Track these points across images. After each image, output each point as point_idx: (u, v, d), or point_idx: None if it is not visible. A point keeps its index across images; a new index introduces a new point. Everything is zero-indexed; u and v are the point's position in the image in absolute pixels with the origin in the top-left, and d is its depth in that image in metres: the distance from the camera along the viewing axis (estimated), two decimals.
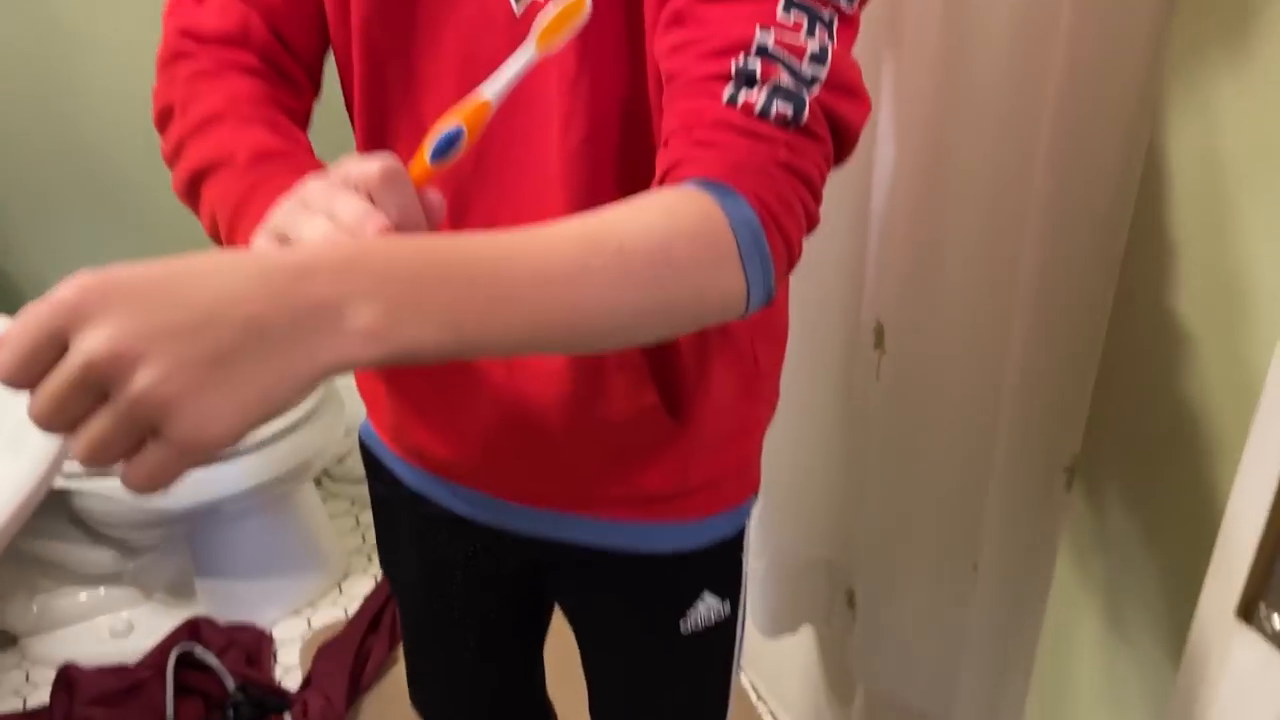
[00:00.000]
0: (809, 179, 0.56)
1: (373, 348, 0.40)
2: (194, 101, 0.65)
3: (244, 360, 0.38)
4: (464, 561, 0.87)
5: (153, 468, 0.37)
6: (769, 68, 0.55)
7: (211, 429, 0.37)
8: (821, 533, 1.25)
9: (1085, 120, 0.83)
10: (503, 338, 0.45)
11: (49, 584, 1.77)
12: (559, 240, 0.47)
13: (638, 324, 0.50)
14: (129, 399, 0.36)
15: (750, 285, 0.53)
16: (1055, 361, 0.93)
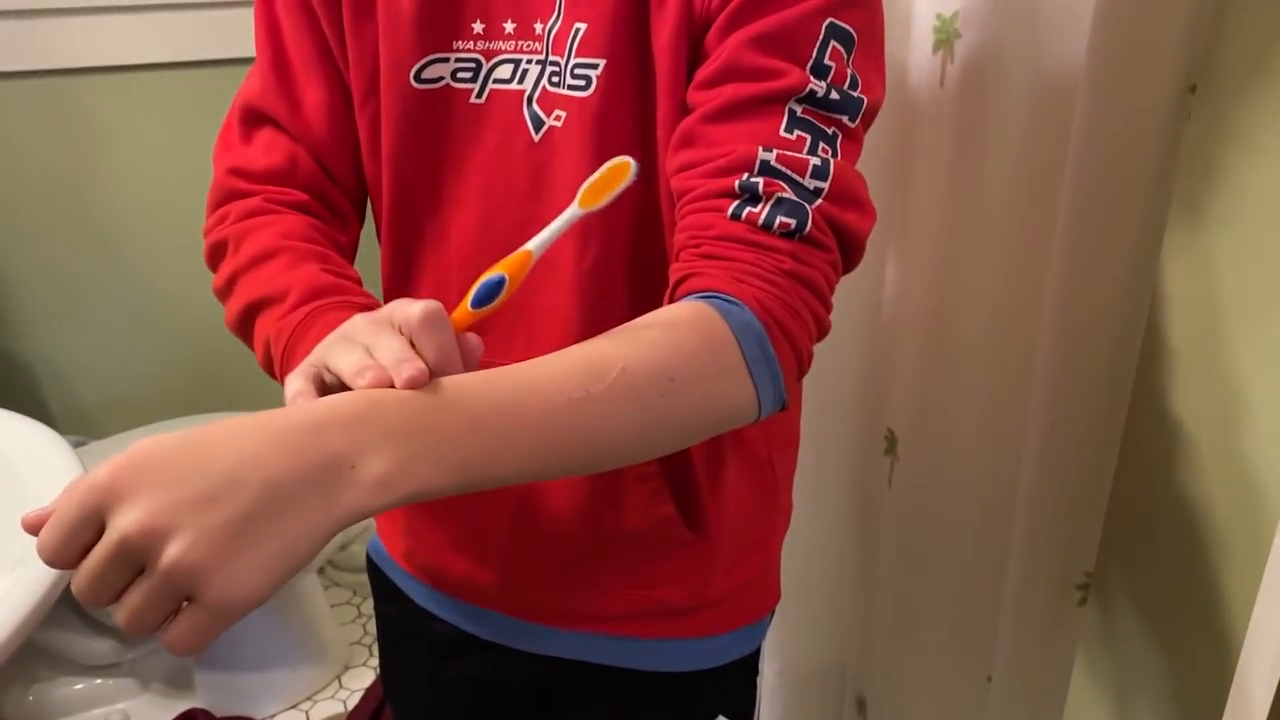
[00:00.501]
0: (815, 287, 0.57)
1: (386, 495, 0.42)
2: (246, 238, 0.67)
3: (264, 521, 0.40)
4: (476, 681, 0.85)
5: (190, 631, 0.40)
6: (771, 184, 0.57)
7: (240, 590, 0.39)
8: (832, 640, 1.23)
9: (1096, 234, 0.84)
10: (513, 471, 0.47)
11: (47, 673, 1.74)
12: (561, 371, 0.49)
13: (648, 441, 0.52)
14: (161, 570, 0.38)
15: (760, 392, 0.54)
16: (1068, 477, 0.93)
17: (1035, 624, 0.99)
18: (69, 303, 1.80)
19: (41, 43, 1.65)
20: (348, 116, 0.71)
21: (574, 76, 0.64)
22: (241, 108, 0.73)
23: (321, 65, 0.70)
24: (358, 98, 0.70)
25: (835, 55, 0.59)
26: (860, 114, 0.61)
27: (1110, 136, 0.80)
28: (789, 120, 0.58)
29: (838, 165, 0.59)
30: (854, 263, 0.61)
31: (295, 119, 0.71)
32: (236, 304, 0.66)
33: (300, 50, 0.70)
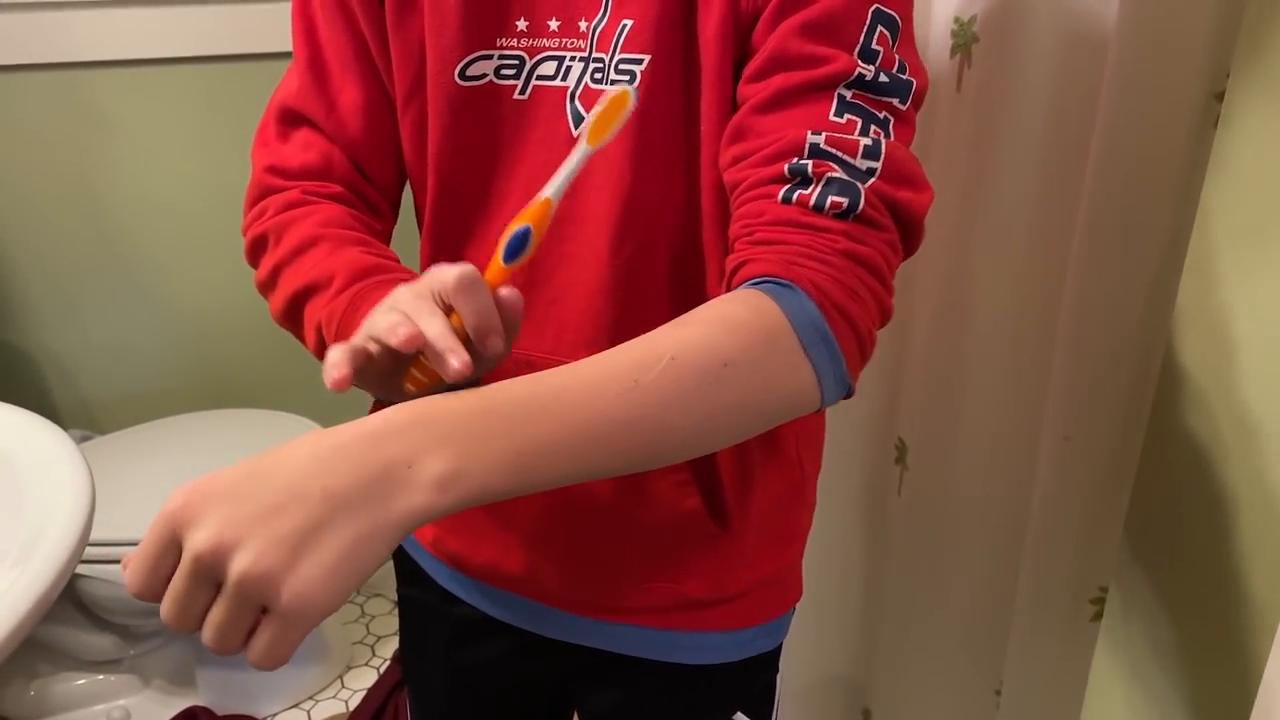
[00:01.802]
0: (873, 266, 0.56)
1: (443, 497, 0.43)
2: (287, 230, 0.68)
3: (328, 528, 0.41)
4: (495, 665, 0.86)
5: (269, 642, 0.41)
6: (821, 165, 0.56)
7: (310, 595, 0.40)
8: (839, 650, 1.22)
9: (1116, 244, 0.83)
10: (569, 469, 0.47)
11: (48, 669, 1.74)
12: (609, 365, 0.49)
13: (704, 432, 0.51)
14: (234, 582, 0.40)
15: (821, 376, 0.53)
16: (1083, 489, 0.92)
17: (1047, 637, 0.98)
18: (75, 297, 1.80)
19: (52, 36, 1.65)
20: (385, 116, 0.72)
21: (618, 72, 0.64)
22: (278, 108, 0.74)
23: (358, 66, 0.71)
24: (401, 96, 0.70)
25: (882, 40, 0.59)
26: (910, 97, 0.60)
27: (1133, 144, 0.79)
28: (839, 105, 0.58)
29: (890, 145, 0.58)
30: (914, 243, 0.60)
31: (330, 119, 0.71)
32: (282, 294, 0.67)
33: (337, 51, 0.71)
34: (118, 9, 1.67)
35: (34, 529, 0.78)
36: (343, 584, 0.41)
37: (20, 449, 0.87)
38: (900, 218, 0.58)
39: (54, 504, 0.80)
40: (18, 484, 0.84)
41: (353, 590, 0.42)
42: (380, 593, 2.03)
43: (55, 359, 1.82)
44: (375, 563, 0.42)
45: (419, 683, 0.94)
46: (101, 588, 1.54)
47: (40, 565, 0.76)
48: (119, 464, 1.61)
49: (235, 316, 1.87)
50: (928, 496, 1.04)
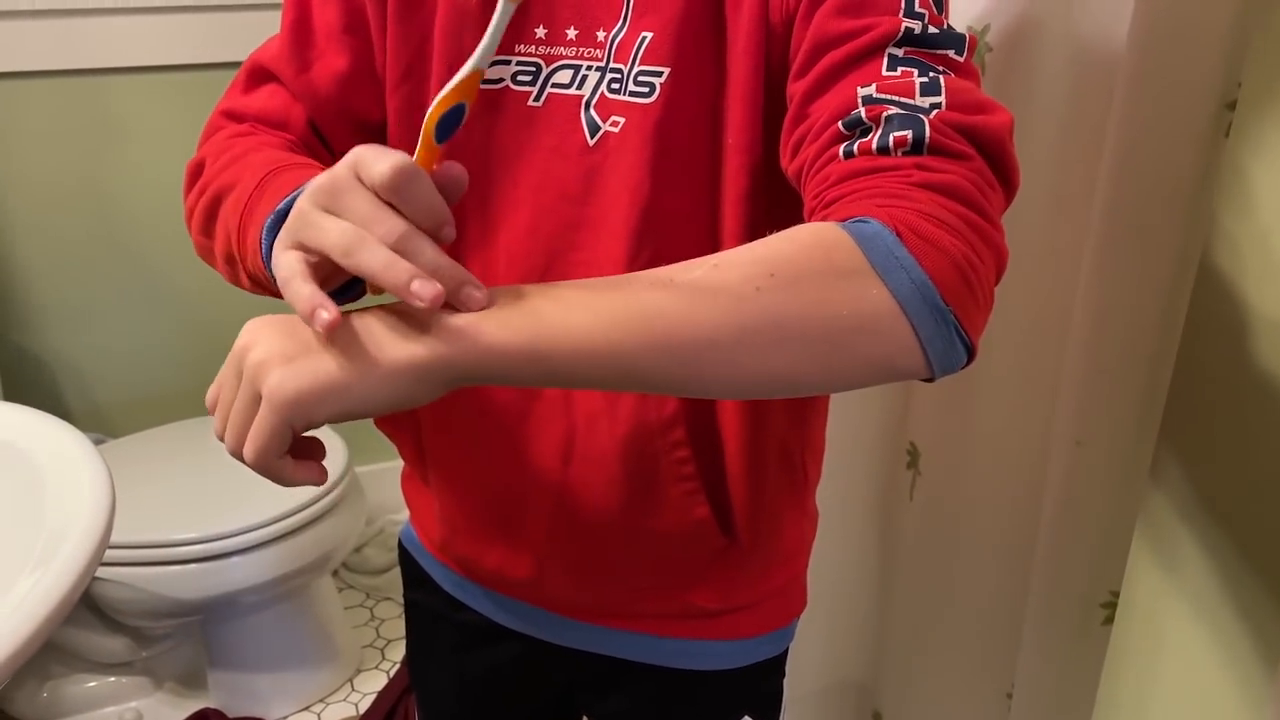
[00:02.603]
0: (962, 194, 0.49)
1: (444, 346, 0.45)
2: (225, 151, 0.66)
3: (333, 348, 0.46)
4: (500, 671, 0.86)
5: (256, 429, 0.46)
6: (875, 109, 0.52)
7: (286, 388, 0.45)
8: (849, 653, 1.22)
9: (1128, 250, 0.83)
10: (589, 356, 0.45)
11: (61, 670, 1.75)
12: (650, 270, 0.48)
13: (749, 344, 0.45)
14: (246, 370, 0.47)
15: (904, 303, 0.46)
16: (1094, 495, 0.92)
17: (1058, 642, 0.98)
18: (88, 301, 1.81)
19: (66, 43, 1.66)
20: (362, 91, 0.70)
21: (636, 84, 0.63)
22: (250, 65, 0.73)
23: (346, 39, 0.69)
24: (392, 80, 0.69)
25: (925, 4, 0.56)
26: (966, 48, 0.56)
27: (1145, 153, 0.79)
28: (889, 62, 0.54)
29: (949, 80, 0.53)
30: (1008, 171, 0.53)
31: (300, 79, 0.70)
32: (203, 205, 0.65)
33: (325, 20, 0.70)
34: (131, 16, 1.68)
35: (56, 531, 0.79)
36: (321, 391, 0.45)
37: (42, 451, 0.88)
38: (979, 141, 0.52)
39: (75, 506, 0.81)
40: (40, 486, 0.84)
41: (333, 410, 0.45)
42: (390, 596, 2.04)
43: (68, 363, 1.83)
44: (364, 392, 0.45)
45: (426, 687, 0.94)
46: (115, 590, 1.55)
47: (62, 567, 0.76)
48: (131, 468, 1.62)
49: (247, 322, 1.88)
50: (940, 501, 1.04)
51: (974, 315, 0.48)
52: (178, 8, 1.70)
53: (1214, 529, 0.84)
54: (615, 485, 0.71)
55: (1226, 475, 0.84)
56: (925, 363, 0.47)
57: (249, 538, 1.54)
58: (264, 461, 0.47)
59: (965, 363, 0.49)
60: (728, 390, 0.49)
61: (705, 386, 0.48)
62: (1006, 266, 0.51)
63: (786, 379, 0.47)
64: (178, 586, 1.55)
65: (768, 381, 0.47)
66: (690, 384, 0.47)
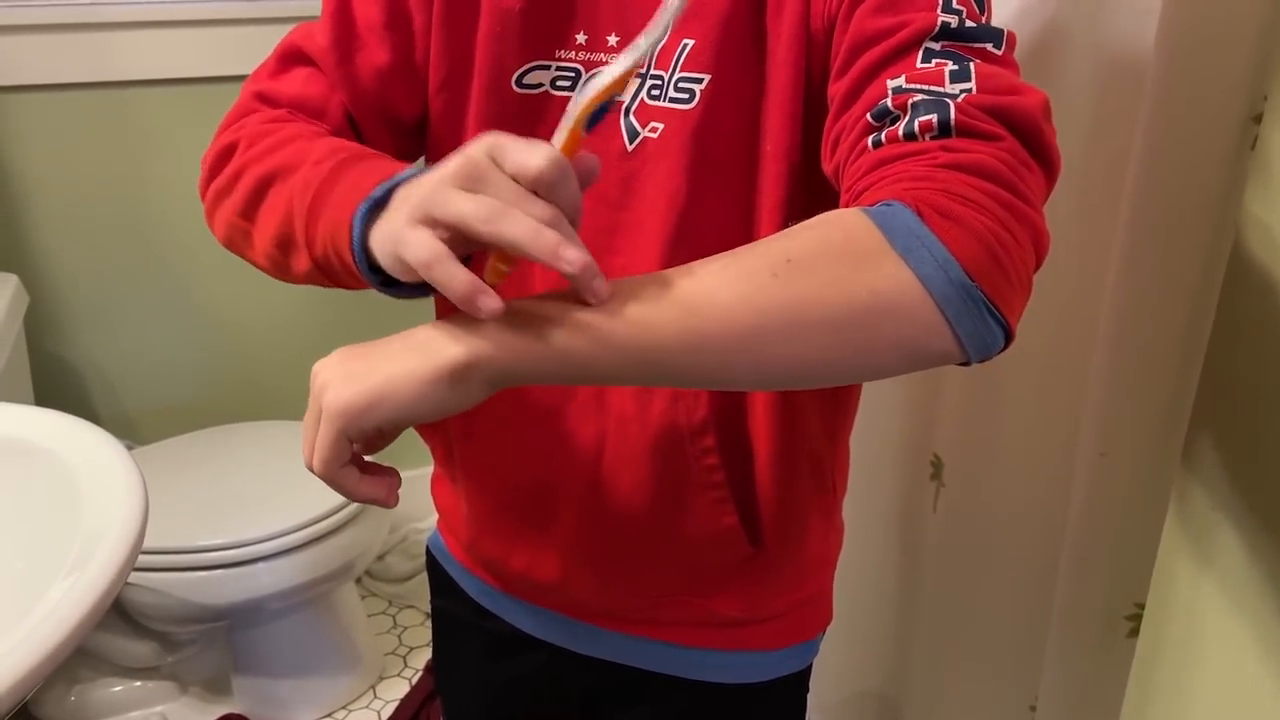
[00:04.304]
0: (992, 172, 0.48)
1: (488, 349, 0.47)
2: (263, 137, 0.64)
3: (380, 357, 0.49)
4: (526, 680, 0.86)
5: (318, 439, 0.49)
6: (901, 97, 0.52)
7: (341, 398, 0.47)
8: (872, 665, 1.22)
9: (1154, 263, 0.83)
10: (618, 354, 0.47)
11: (89, 674, 1.77)
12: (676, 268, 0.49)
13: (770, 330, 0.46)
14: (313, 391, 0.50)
15: (926, 280, 0.45)
16: (1119, 507, 0.92)
17: (1082, 654, 0.98)
18: (118, 311, 1.83)
19: (98, 56, 1.68)
20: (401, 88, 0.69)
21: (677, 90, 0.64)
22: (284, 48, 0.71)
23: (388, 34, 0.68)
24: (435, 83, 0.69)
25: (962, 1, 0.55)
26: (1005, 42, 0.56)
27: (1171, 163, 0.79)
28: (924, 55, 0.54)
29: (980, 66, 0.52)
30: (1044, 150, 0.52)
31: (341, 69, 0.68)
32: (244, 187, 0.63)
33: (366, 14, 0.68)
34: (162, 30, 1.71)
35: (90, 536, 0.80)
36: (367, 399, 0.47)
37: (76, 456, 0.90)
38: (1011, 121, 0.51)
39: (109, 511, 0.82)
40: (74, 491, 0.86)
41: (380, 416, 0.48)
42: (412, 604, 2.04)
43: (98, 370, 1.85)
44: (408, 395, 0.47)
45: (451, 694, 0.94)
46: (143, 595, 1.57)
47: (96, 572, 0.77)
48: (158, 474, 1.63)
49: (274, 330, 1.90)
50: (963, 512, 1.04)
51: (1007, 294, 0.47)
52: (207, 21, 1.72)
53: (1244, 537, 0.84)
54: (644, 488, 0.71)
55: (1257, 481, 0.83)
56: (957, 344, 0.46)
57: (275, 544, 1.56)
58: (327, 471, 0.50)
59: (1003, 345, 0.48)
60: (756, 379, 0.49)
61: (734, 376, 0.48)
62: (1047, 249, 0.50)
63: (814, 366, 0.47)
64: (204, 592, 1.57)
65: (796, 369, 0.47)
66: (718, 374, 0.47)
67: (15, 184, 1.70)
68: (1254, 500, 0.82)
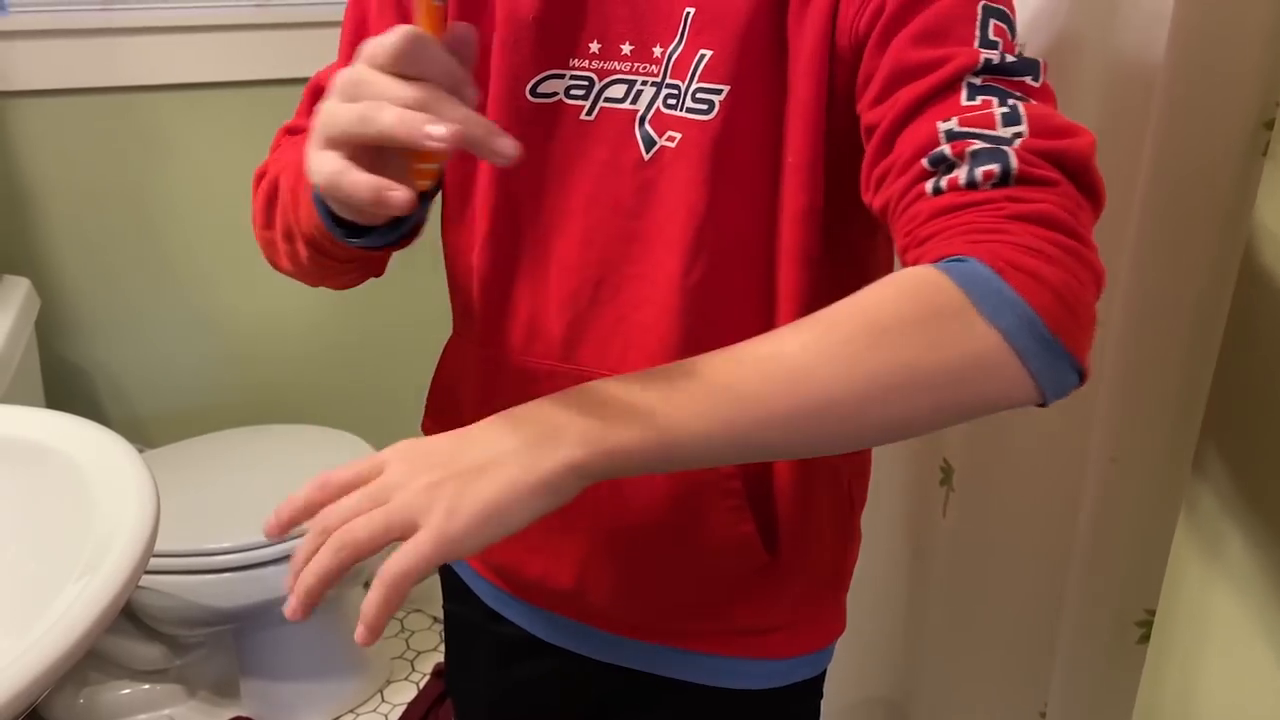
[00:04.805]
0: (1056, 221, 0.50)
1: (584, 452, 0.46)
2: (284, 156, 0.69)
3: (470, 474, 0.47)
4: (538, 685, 0.86)
5: (414, 553, 0.46)
6: (959, 144, 0.53)
7: (451, 531, 0.46)
8: (881, 671, 1.22)
9: (1164, 268, 0.83)
10: (715, 439, 0.47)
11: (97, 677, 1.77)
12: (753, 340, 0.49)
13: (871, 399, 0.47)
14: (397, 502, 0.47)
15: (1009, 336, 0.47)
16: (1130, 512, 0.92)
17: (1092, 660, 0.98)
18: (129, 314, 1.84)
19: (110, 61, 1.69)
20: None
21: (695, 100, 0.64)
22: (310, 88, 0.75)
23: None
24: None
25: (999, 32, 0.57)
26: (1041, 72, 0.57)
27: (1182, 170, 0.79)
28: (969, 92, 0.55)
29: (1028, 106, 0.54)
30: (1094, 189, 0.54)
31: None
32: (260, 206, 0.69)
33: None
34: (174, 35, 1.72)
35: (102, 538, 0.81)
36: (481, 521, 0.46)
37: (89, 459, 0.90)
38: (1064, 166, 0.53)
39: (121, 514, 0.83)
40: (86, 493, 0.86)
41: (490, 533, 0.46)
42: (419, 608, 2.05)
43: (108, 373, 1.86)
44: (515, 511, 0.46)
45: (463, 699, 0.94)
46: (152, 597, 1.58)
47: (108, 574, 0.78)
48: (168, 477, 1.63)
49: (284, 335, 1.90)
50: (973, 518, 1.04)
51: (1079, 339, 0.49)
52: (219, 27, 1.73)
53: (1255, 543, 0.84)
54: (660, 496, 0.71)
55: (1269, 488, 0.83)
56: (1038, 393, 0.49)
57: (283, 547, 1.56)
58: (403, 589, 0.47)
59: (1078, 384, 0.51)
60: (847, 445, 0.50)
61: (828, 445, 0.49)
62: (1105, 283, 0.52)
63: (903, 426, 0.49)
64: (213, 595, 1.57)
65: (892, 430, 0.49)
66: (813, 446, 0.49)
67: (27, 188, 1.71)
68: (1265, 507, 0.81)
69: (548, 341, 0.72)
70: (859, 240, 0.70)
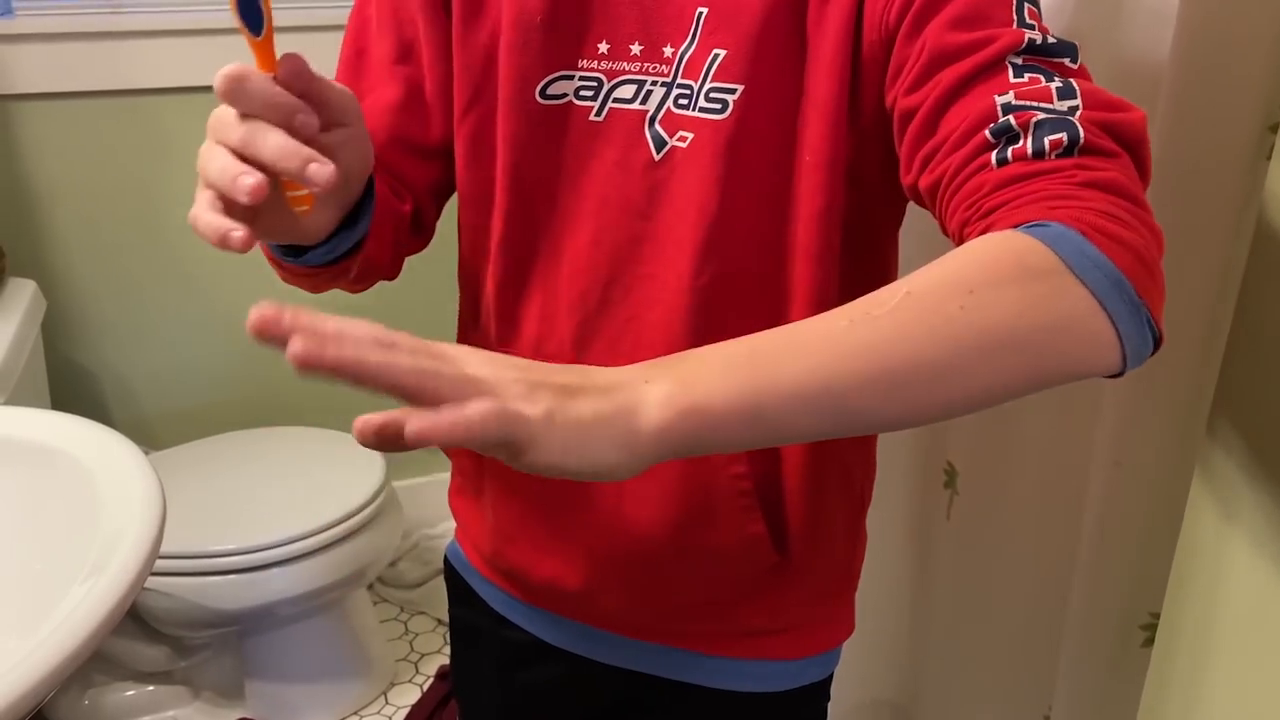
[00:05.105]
0: (1123, 189, 0.50)
1: (667, 413, 0.43)
2: None
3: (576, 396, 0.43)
4: (546, 690, 0.86)
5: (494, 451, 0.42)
6: (1023, 115, 0.52)
7: (542, 459, 0.42)
8: (885, 673, 1.22)
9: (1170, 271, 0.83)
10: (802, 407, 0.44)
11: (102, 678, 1.77)
12: (844, 308, 0.47)
13: (959, 366, 0.45)
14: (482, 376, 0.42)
15: (1104, 300, 0.46)
16: (1134, 516, 0.92)
17: (1096, 664, 0.98)
18: (136, 316, 1.84)
19: (119, 63, 1.70)
20: (414, 118, 0.72)
21: (708, 100, 0.64)
22: None
23: (397, 69, 0.72)
24: (460, 108, 0.71)
25: (1033, 15, 0.57)
26: (1078, 55, 0.57)
27: (1187, 172, 0.80)
28: (1014, 71, 0.55)
29: (1081, 83, 0.54)
30: (1147, 165, 0.54)
31: None
32: None
33: (380, 52, 0.72)
34: (181, 38, 1.72)
35: (108, 540, 0.81)
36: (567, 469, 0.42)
37: (95, 461, 0.90)
38: (1123, 139, 0.53)
39: (127, 516, 0.83)
40: (92, 495, 0.86)
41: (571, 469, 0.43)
42: (424, 610, 2.05)
43: (114, 375, 1.87)
44: (597, 458, 0.42)
45: (469, 704, 0.94)
46: (156, 599, 1.58)
47: (114, 576, 0.78)
48: (172, 479, 1.63)
49: None
50: (977, 521, 1.04)
51: (1158, 303, 0.49)
52: (226, 30, 1.73)
53: (1260, 548, 0.84)
54: (671, 497, 0.71)
55: (1273, 492, 0.83)
56: (1122, 357, 0.48)
57: (288, 550, 1.56)
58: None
59: (1153, 351, 0.50)
60: (938, 413, 0.48)
61: (919, 414, 0.47)
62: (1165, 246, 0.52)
63: (995, 391, 0.47)
64: (217, 597, 1.57)
65: (978, 397, 0.47)
66: (905, 414, 0.47)
67: (34, 190, 1.72)
68: (1270, 511, 0.81)
69: (558, 341, 0.72)
70: (874, 239, 0.71)
